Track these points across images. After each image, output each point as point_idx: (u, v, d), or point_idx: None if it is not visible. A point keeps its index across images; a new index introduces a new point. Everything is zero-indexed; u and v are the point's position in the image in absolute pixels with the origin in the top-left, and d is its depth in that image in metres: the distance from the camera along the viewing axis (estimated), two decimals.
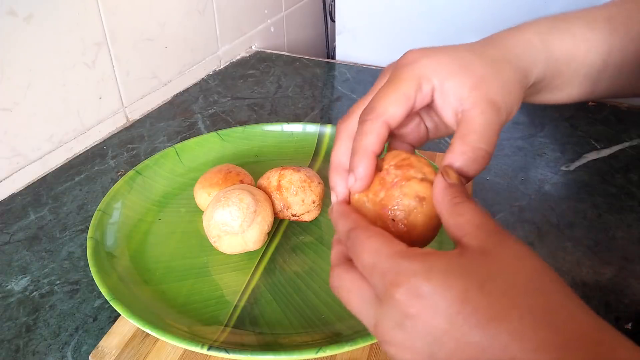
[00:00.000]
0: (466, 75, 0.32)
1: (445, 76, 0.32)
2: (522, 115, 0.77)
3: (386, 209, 0.31)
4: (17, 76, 0.61)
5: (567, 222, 0.57)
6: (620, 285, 0.49)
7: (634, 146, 0.69)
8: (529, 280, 0.24)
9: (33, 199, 0.62)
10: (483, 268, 0.24)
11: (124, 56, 0.74)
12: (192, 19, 0.86)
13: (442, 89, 0.32)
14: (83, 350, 0.44)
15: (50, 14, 0.62)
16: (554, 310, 0.23)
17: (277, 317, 0.44)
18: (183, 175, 0.60)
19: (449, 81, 0.32)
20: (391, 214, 0.31)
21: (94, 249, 0.47)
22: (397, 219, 0.31)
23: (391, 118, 0.32)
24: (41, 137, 0.65)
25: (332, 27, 1.29)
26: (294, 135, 0.66)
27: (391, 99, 0.32)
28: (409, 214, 0.31)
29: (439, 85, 0.32)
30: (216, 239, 0.48)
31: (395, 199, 0.31)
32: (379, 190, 0.32)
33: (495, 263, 0.24)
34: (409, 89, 0.32)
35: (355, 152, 0.32)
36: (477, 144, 0.30)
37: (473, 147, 0.30)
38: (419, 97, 0.32)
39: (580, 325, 0.22)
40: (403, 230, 0.31)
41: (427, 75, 0.32)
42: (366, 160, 0.32)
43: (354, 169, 0.32)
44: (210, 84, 0.89)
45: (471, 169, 0.30)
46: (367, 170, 0.32)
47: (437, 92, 0.33)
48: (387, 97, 0.32)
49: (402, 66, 0.33)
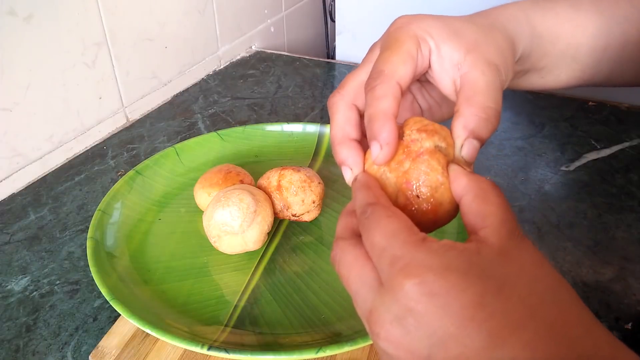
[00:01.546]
0: (459, 40, 0.31)
1: (440, 40, 0.31)
2: (522, 115, 0.77)
3: (410, 184, 0.28)
4: (17, 76, 0.61)
5: (567, 222, 0.57)
6: (620, 285, 0.49)
7: (634, 146, 0.69)
8: (548, 290, 0.23)
9: (33, 199, 0.62)
10: (502, 270, 0.23)
11: (124, 56, 0.74)
12: (192, 19, 0.86)
13: (439, 53, 0.31)
14: (83, 350, 0.44)
15: (50, 14, 0.62)
16: (570, 324, 0.22)
17: (277, 317, 0.44)
18: (183, 175, 0.60)
19: (445, 45, 0.31)
20: (415, 190, 0.28)
21: (94, 249, 0.47)
22: (422, 195, 0.28)
23: (402, 79, 0.30)
24: (41, 137, 0.65)
25: (332, 27, 1.29)
26: (294, 135, 0.66)
27: (397, 59, 0.30)
28: (436, 190, 0.28)
29: (435, 48, 0.31)
30: (216, 239, 0.48)
31: (422, 173, 0.28)
32: (403, 159, 0.29)
33: (515, 267, 0.23)
34: (410, 48, 0.30)
35: (373, 119, 0.29)
36: (486, 103, 0.29)
37: (483, 106, 0.29)
38: (420, 58, 0.31)
39: (595, 342, 0.21)
40: (426, 208, 0.28)
41: (423, 36, 0.31)
42: (390, 124, 0.28)
43: (376, 135, 0.29)
44: (210, 84, 0.89)
45: (484, 130, 0.29)
46: (392, 135, 0.28)
47: (434, 55, 0.31)
48: (392, 58, 0.30)
49: (396, 30, 0.32)
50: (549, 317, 0.21)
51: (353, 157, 0.31)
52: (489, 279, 0.22)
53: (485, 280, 0.22)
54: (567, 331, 0.21)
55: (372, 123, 0.29)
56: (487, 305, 0.21)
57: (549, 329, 0.21)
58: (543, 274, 0.23)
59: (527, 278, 0.23)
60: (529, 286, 0.22)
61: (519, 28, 0.34)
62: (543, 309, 0.22)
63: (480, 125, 0.29)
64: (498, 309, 0.21)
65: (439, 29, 0.31)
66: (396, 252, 0.23)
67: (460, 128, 0.29)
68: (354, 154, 0.31)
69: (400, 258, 0.23)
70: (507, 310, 0.21)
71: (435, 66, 0.32)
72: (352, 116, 0.32)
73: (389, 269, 0.23)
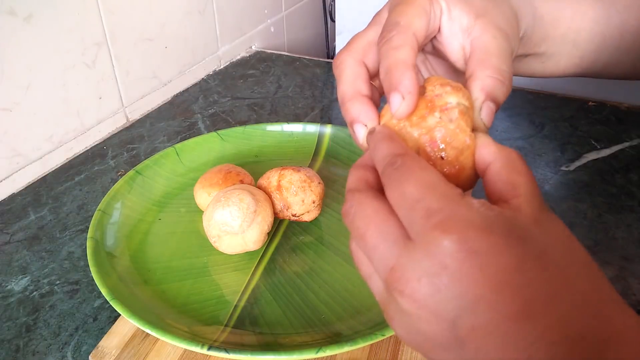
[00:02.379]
0: (469, 5, 0.30)
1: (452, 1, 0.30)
2: (522, 115, 0.77)
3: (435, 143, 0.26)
4: (17, 76, 0.61)
5: (567, 222, 0.57)
6: (620, 285, 0.49)
7: (634, 146, 0.69)
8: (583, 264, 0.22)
9: (33, 199, 0.62)
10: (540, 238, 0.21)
11: (124, 56, 0.74)
12: (192, 19, 0.86)
13: (450, 14, 0.30)
14: (83, 350, 0.44)
15: (50, 14, 0.62)
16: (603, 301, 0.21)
17: (277, 317, 0.44)
18: (183, 175, 0.60)
19: (455, 7, 0.30)
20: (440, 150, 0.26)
21: (94, 249, 0.47)
22: (446, 157, 0.26)
23: (418, 31, 0.28)
24: (41, 137, 0.65)
25: (332, 27, 1.29)
26: (294, 135, 0.66)
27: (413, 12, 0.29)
28: (462, 153, 0.26)
29: (447, 9, 0.30)
30: (216, 239, 0.48)
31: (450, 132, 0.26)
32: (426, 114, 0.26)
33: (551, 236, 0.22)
34: (424, 3, 0.30)
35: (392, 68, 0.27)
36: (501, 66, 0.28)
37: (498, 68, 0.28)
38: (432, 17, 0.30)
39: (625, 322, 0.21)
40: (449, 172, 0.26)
41: None
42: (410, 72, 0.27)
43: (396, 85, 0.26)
44: (210, 84, 0.89)
45: (500, 93, 0.28)
46: (414, 83, 0.26)
47: (444, 16, 0.30)
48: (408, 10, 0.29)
49: None
50: (585, 291, 0.21)
51: (367, 113, 0.29)
52: (528, 244, 0.21)
53: (526, 244, 0.21)
54: (601, 308, 0.21)
55: (390, 73, 0.27)
56: (527, 271, 0.20)
57: (584, 304, 0.20)
58: (577, 247, 0.23)
59: (564, 249, 0.22)
60: (567, 257, 0.22)
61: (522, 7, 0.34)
62: (579, 282, 0.21)
63: (497, 87, 0.28)
64: (537, 276, 0.20)
65: None
66: (433, 205, 0.21)
67: (477, 90, 0.28)
68: (367, 109, 0.29)
69: (438, 211, 0.21)
70: (545, 279, 0.20)
71: (445, 29, 0.31)
72: (362, 72, 0.30)
73: (424, 222, 0.21)
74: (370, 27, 0.32)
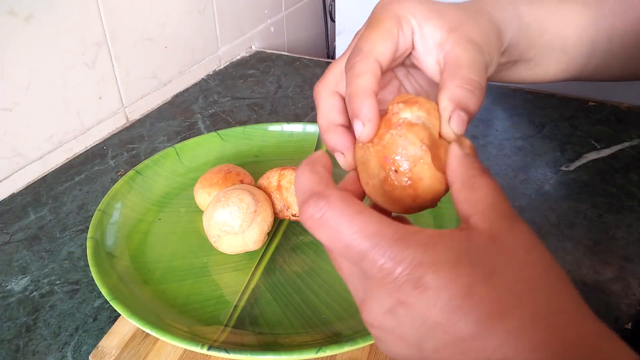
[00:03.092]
0: (442, 20, 0.31)
1: (424, 19, 0.31)
2: (522, 115, 0.77)
3: (387, 158, 0.27)
4: (17, 76, 0.61)
5: (567, 222, 0.57)
6: (620, 285, 0.49)
7: (634, 146, 0.69)
8: (536, 276, 0.22)
9: (33, 199, 0.62)
10: (491, 257, 0.22)
11: (124, 56, 0.74)
12: (192, 19, 0.86)
13: (421, 32, 0.31)
14: (83, 350, 0.44)
15: (50, 14, 0.62)
16: (556, 312, 0.22)
17: (277, 317, 0.44)
18: (183, 175, 0.60)
19: (427, 24, 0.31)
20: (393, 164, 0.27)
21: (94, 249, 0.47)
22: (399, 170, 0.27)
23: (380, 55, 0.30)
24: (41, 137, 0.65)
25: (332, 27, 1.29)
26: (294, 135, 0.66)
27: (376, 37, 0.30)
28: (414, 165, 0.27)
29: (417, 27, 0.31)
30: (216, 239, 0.48)
31: (399, 146, 0.27)
32: (383, 133, 0.28)
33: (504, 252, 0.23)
34: (390, 26, 0.30)
35: (353, 96, 0.29)
36: (469, 75, 0.29)
37: (466, 78, 0.29)
38: (401, 37, 0.31)
39: (580, 330, 0.21)
40: (406, 184, 0.27)
41: (405, 15, 0.31)
42: (369, 99, 0.28)
43: (357, 113, 0.28)
44: (210, 84, 0.89)
45: (471, 102, 0.28)
46: (373, 110, 0.28)
47: (416, 35, 0.31)
48: (371, 36, 0.30)
49: (377, 10, 0.32)
50: (536, 305, 0.22)
51: (341, 142, 0.30)
52: (478, 267, 0.22)
53: (475, 268, 0.22)
54: (553, 319, 0.21)
55: (352, 101, 0.29)
56: (475, 294, 0.21)
57: (534, 317, 0.21)
58: (533, 259, 0.23)
59: (517, 264, 0.22)
60: (518, 273, 0.22)
61: (506, 16, 0.34)
62: (530, 297, 0.22)
63: (466, 97, 0.28)
64: (485, 297, 0.21)
65: (421, 9, 0.31)
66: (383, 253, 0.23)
67: (445, 100, 0.28)
68: (341, 138, 0.30)
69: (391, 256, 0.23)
70: (494, 299, 0.21)
71: (418, 46, 0.32)
72: (335, 103, 0.32)
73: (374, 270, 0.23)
74: (345, 53, 0.33)
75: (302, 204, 0.25)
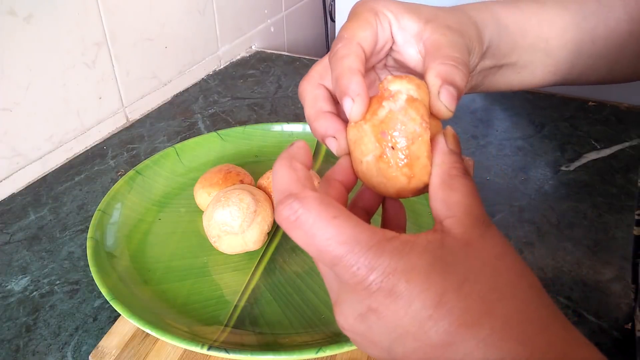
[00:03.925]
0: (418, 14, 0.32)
1: (400, 13, 0.32)
2: (522, 115, 0.77)
3: (385, 134, 0.26)
4: (17, 76, 0.61)
5: (567, 222, 0.57)
6: (620, 285, 0.49)
7: (634, 146, 0.69)
8: (508, 284, 0.22)
9: (33, 199, 0.62)
10: (464, 265, 0.22)
11: (124, 56, 0.74)
12: (192, 19, 0.86)
13: (399, 24, 0.32)
14: (83, 350, 0.44)
15: (50, 14, 0.62)
16: (527, 320, 0.22)
17: (277, 317, 0.44)
18: (183, 175, 0.60)
19: (404, 17, 0.32)
20: (391, 141, 0.26)
21: (94, 249, 0.47)
22: (397, 147, 0.26)
23: (362, 40, 0.30)
24: (41, 137, 0.66)
25: (332, 27, 1.29)
26: (294, 135, 0.66)
27: (356, 25, 0.31)
28: (412, 142, 0.26)
29: (395, 20, 0.32)
30: (216, 239, 0.48)
31: (398, 122, 0.26)
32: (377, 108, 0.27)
33: (477, 260, 0.23)
34: (368, 18, 0.31)
35: (339, 77, 0.29)
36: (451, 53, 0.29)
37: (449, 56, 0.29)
38: (380, 29, 0.32)
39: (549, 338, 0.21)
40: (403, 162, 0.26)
41: (381, 10, 0.32)
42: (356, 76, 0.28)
43: (345, 90, 0.28)
44: (210, 84, 0.89)
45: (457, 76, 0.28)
46: (361, 85, 0.28)
47: (394, 27, 0.32)
48: (352, 26, 0.31)
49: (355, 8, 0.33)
50: (506, 314, 0.22)
51: (332, 125, 0.30)
52: (450, 275, 0.22)
53: (447, 276, 0.22)
54: (523, 328, 0.21)
55: (339, 81, 0.28)
56: (446, 303, 0.21)
57: (504, 326, 0.21)
58: (505, 267, 0.23)
59: (489, 272, 0.22)
60: (490, 281, 0.22)
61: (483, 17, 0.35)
62: (500, 306, 0.22)
63: (452, 72, 0.28)
64: (457, 306, 0.21)
65: (396, 5, 0.32)
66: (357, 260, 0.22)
67: (433, 77, 0.28)
68: (332, 122, 0.30)
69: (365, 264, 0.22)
70: (465, 308, 0.21)
71: (397, 38, 0.32)
72: (321, 93, 0.32)
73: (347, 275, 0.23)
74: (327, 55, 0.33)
75: (278, 204, 0.24)
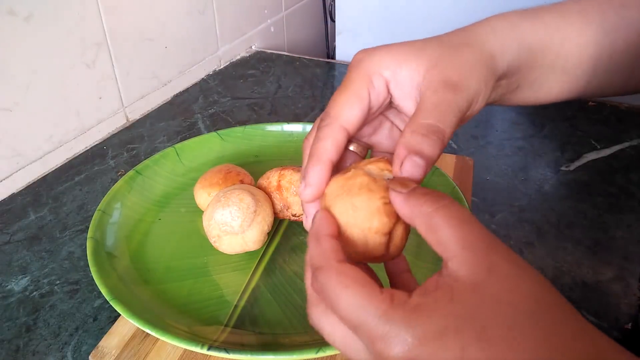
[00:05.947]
0: (419, 60, 0.31)
1: (398, 65, 0.31)
2: (522, 115, 0.77)
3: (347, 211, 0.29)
4: (17, 76, 0.61)
5: (567, 222, 0.57)
6: (620, 285, 0.49)
7: (634, 146, 0.69)
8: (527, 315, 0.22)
9: (33, 199, 0.62)
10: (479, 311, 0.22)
11: (124, 56, 0.74)
12: (192, 19, 0.86)
13: (396, 80, 0.31)
14: (83, 350, 0.44)
15: (50, 14, 0.62)
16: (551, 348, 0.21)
17: (277, 317, 0.44)
18: (183, 175, 0.60)
19: (402, 69, 0.31)
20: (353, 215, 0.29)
21: (94, 249, 0.47)
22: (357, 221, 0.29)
23: (346, 122, 0.31)
24: (41, 137, 0.66)
25: (332, 27, 1.29)
26: (294, 135, 0.66)
27: (343, 102, 0.31)
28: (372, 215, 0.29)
29: (392, 76, 0.31)
30: (216, 239, 0.48)
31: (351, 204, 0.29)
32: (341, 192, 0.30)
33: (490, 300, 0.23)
34: (359, 88, 0.31)
35: (310, 156, 0.31)
36: (424, 120, 0.29)
37: (420, 123, 0.29)
38: (374, 95, 0.31)
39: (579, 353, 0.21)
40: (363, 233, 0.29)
41: (376, 70, 0.31)
42: (319, 167, 0.30)
43: (306, 175, 0.31)
44: (210, 84, 0.89)
45: (426, 146, 0.28)
46: (318, 178, 0.30)
47: (392, 85, 0.32)
48: (339, 100, 0.31)
49: (350, 68, 0.32)
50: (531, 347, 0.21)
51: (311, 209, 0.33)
52: (466, 329, 0.22)
53: (463, 331, 0.22)
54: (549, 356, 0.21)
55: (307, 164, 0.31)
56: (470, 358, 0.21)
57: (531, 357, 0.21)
58: (520, 297, 0.23)
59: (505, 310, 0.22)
60: (508, 320, 0.22)
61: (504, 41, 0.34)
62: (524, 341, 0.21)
63: (419, 142, 0.28)
64: (480, 357, 0.21)
65: (397, 53, 0.31)
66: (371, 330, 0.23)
67: (400, 148, 0.29)
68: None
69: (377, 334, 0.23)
70: (490, 357, 0.21)
71: (395, 93, 0.32)
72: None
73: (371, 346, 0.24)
74: None
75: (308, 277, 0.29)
